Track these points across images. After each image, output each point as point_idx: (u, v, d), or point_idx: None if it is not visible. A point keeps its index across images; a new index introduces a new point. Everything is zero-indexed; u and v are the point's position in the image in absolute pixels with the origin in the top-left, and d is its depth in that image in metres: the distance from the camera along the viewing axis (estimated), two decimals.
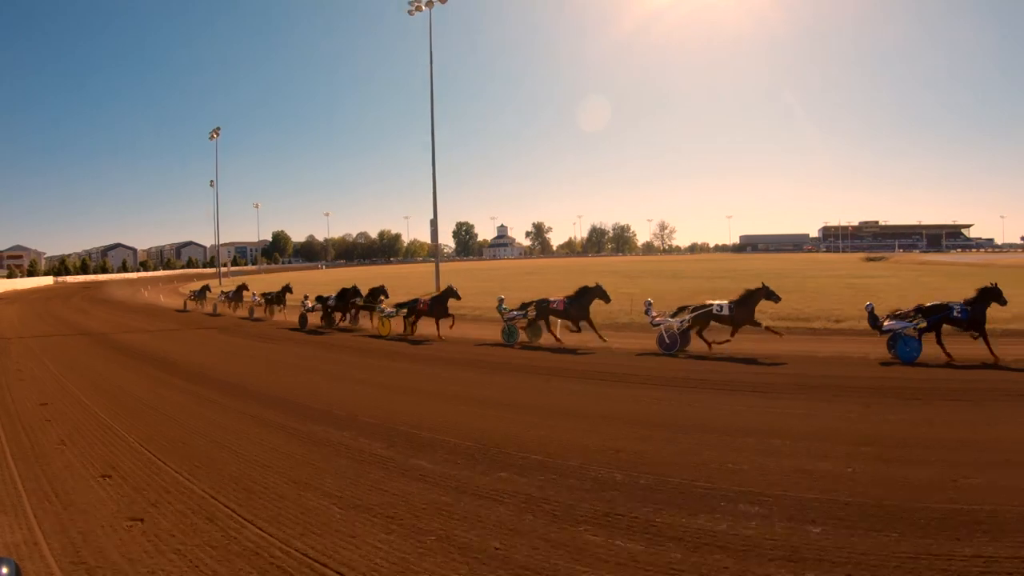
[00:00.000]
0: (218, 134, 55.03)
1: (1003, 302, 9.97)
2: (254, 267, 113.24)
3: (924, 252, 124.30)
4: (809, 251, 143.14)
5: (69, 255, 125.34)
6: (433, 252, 41.67)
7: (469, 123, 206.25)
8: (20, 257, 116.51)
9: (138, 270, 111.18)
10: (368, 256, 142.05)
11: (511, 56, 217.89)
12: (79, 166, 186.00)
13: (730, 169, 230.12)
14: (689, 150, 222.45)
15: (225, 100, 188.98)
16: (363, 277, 30.83)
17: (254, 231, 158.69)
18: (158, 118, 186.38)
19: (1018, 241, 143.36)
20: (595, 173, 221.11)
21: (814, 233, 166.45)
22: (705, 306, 11.59)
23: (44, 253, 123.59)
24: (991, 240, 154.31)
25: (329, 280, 40.24)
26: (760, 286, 11.43)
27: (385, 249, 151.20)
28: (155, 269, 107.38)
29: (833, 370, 9.14)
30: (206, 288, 27.42)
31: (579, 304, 12.78)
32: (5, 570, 1.30)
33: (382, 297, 16.84)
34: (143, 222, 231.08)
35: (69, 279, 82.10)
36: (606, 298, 13.01)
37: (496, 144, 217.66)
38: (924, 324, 9.81)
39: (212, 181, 57.30)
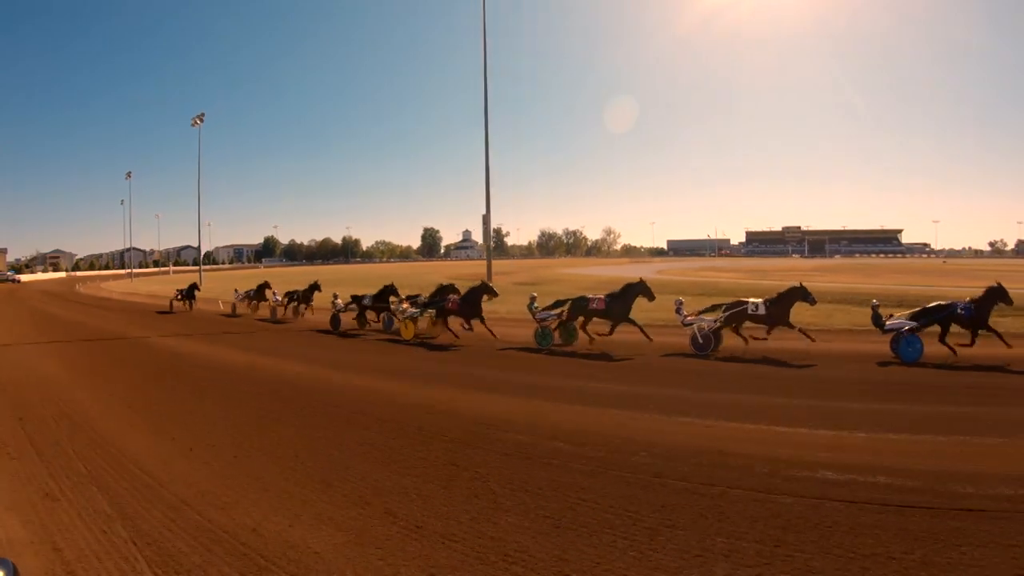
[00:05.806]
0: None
1: (1008, 301, 10.10)
2: (194, 267, 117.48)
3: (805, 257, 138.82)
4: (724, 255, 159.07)
5: (100, 255, 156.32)
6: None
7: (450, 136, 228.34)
8: (57, 258, 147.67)
9: (134, 268, 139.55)
10: (332, 257, 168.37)
11: (459, 72, 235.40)
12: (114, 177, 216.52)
13: (667, 176, 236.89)
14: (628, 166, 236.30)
15: (248, 121, 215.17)
16: (298, 274, 34.63)
17: (251, 234, 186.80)
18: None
19: (956, 248, 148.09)
20: (554, 181, 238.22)
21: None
22: (740, 304, 11.43)
23: (76, 255, 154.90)
24: (926, 245, 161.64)
25: (259, 277, 39.90)
26: (798, 285, 11.35)
27: (346, 251, 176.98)
28: (147, 267, 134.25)
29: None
30: (194, 287, 25.96)
31: (622, 302, 12.13)
32: (2, 573, 1.30)
33: (451, 295, 14.23)
34: (163, 224, 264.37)
35: (78, 274, 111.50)
36: (650, 295, 12.34)
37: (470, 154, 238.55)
38: (909, 328, 10.08)
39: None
